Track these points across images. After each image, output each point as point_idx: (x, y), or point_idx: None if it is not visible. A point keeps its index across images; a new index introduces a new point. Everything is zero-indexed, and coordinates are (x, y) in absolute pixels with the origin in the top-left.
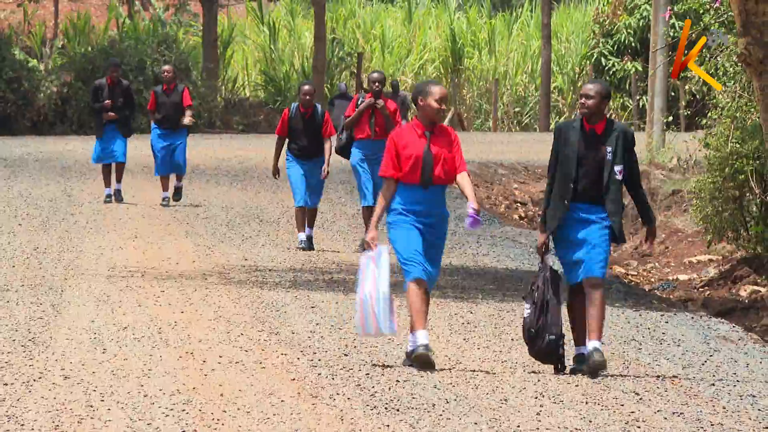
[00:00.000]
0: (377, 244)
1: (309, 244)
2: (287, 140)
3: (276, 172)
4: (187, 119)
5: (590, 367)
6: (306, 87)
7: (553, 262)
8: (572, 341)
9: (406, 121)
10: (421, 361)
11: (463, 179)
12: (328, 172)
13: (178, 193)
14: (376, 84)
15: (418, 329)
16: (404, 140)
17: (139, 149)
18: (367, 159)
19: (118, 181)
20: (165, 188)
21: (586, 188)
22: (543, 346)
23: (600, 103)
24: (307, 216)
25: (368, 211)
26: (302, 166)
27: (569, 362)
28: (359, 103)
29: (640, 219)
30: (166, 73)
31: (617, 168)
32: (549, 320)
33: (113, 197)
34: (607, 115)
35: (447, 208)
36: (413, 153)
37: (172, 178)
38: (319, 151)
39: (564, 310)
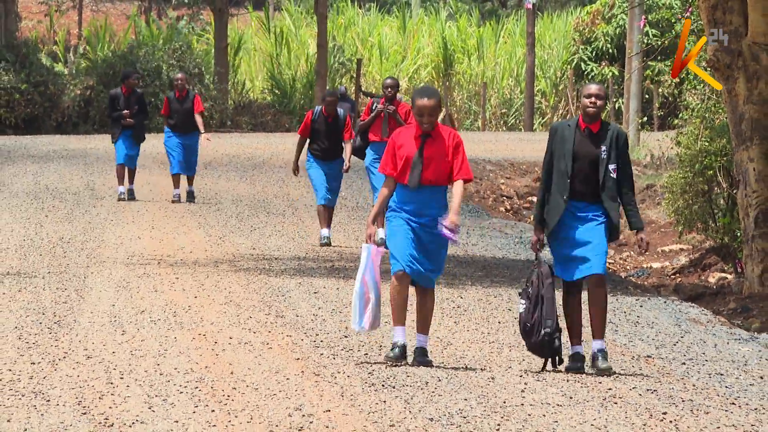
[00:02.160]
0: (371, 240)
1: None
2: (309, 141)
3: (296, 169)
4: (204, 138)
5: (598, 371)
6: (330, 98)
7: (546, 258)
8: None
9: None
10: (391, 361)
11: (456, 188)
12: (348, 167)
13: (191, 197)
14: (389, 90)
15: (395, 325)
16: (401, 141)
17: (156, 147)
18: (380, 161)
19: (131, 182)
20: (176, 186)
21: (581, 186)
22: (538, 340)
23: (605, 104)
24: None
25: None
26: (322, 166)
27: (566, 357)
28: (373, 108)
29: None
30: (179, 81)
31: (611, 167)
32: (543, 314)
33: (126, 196)
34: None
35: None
36: (405, 154)
37: (183, 180)
38: (338, 152)
39: (560, 309)
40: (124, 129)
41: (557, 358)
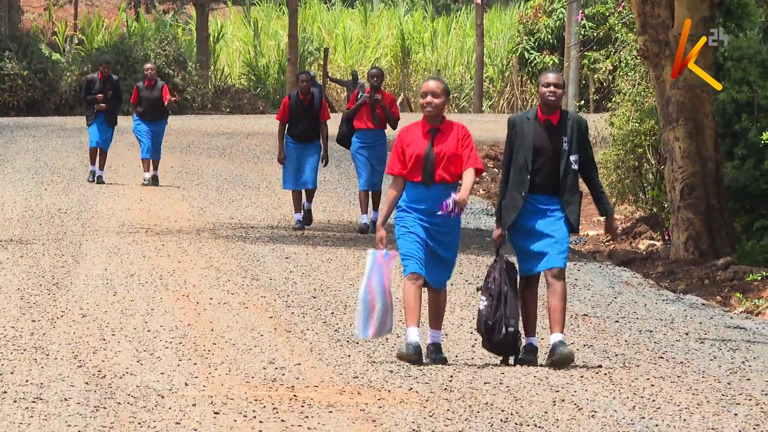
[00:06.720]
0: (382, 244)
1: (307, 218)
2: (288, 126)
3: (282, 158)
4: (168, 102)
5: (558, 360)
6: (303, 75)
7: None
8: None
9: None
10: (404, 359)
11: (466, 174)
12: (326, 161)
13: (155, 180)
14: (375, 79)
15: (409, 326)
16: (409, 138)
17: None
18: (366, 147)
19: (101, 168)
20: (146, 170)
21: (542, 180)
22: (501, 338)
23: (563, 92)
24: (305, 193)
25: (364, 195)
26: (298, 149)
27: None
28: (359, 96)
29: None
30: (150, 71)
31: (573, 158)
32: (507, 312)
33: (95, 178)
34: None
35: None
36: (415, 151)
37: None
38: (316, 134)
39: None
40: (97, 113)
41: (514, 356)
